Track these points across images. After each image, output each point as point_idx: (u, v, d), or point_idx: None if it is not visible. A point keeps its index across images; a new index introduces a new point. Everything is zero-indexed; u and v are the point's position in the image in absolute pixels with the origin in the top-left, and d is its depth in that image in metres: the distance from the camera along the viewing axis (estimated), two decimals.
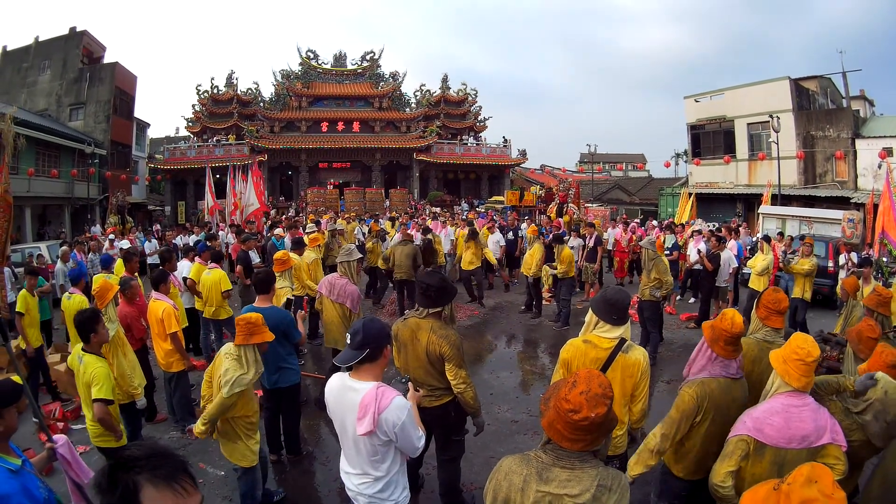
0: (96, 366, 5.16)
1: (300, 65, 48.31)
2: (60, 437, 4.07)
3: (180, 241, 19.23)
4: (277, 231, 17.80)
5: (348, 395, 3.51)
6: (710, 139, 35.66)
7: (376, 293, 15.43)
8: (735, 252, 14.11)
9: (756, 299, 4.66)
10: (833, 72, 35.31)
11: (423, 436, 3.63)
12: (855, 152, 27.78)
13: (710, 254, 12.97)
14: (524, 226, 19.01)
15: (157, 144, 52.79)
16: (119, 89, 40.47)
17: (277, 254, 9.21)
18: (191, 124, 47.95)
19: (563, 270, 12.49)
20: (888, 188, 14.84)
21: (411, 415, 3.48)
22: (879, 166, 24.04)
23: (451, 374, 4.81)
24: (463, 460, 5.48)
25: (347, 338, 3.59)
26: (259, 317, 5.23)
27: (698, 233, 15.15)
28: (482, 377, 9.61)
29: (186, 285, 10.29)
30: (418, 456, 5.42)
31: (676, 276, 14.56)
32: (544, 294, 14.10)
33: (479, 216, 24.75)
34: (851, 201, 25.32)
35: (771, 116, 28.27)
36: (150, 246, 19.73)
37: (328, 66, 49.61)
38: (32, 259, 14.06)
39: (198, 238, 18.19)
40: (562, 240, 13.20)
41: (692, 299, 15.24)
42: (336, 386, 3.64)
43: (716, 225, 22.22)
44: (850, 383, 4.11)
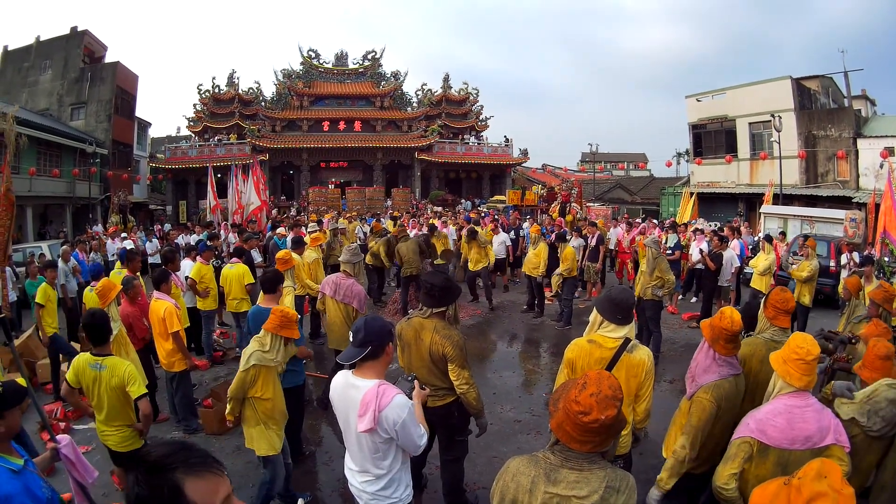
0: (125, 365, 5.11)
1: (301, 64, 48.26)
2: (64, 438, 4.07)
3: (182, 240, 19.22)
4: (279, 230, 17.80)
5: (351, 392, 3.52)
6: (711, 139, 35.58)
7: (373, 292, 15.44)
8: (738, 251, 14.10)
9: (763, 299, 4.66)
10: (834, 71, 35.27)
11: (426, 434, 3.61)
12: (856, 152, 27.71)
13: (712, 253, 12.97)
14: (526, 225, 18.98)
15: (158, 144, 52.82)
16: (120, 89, 40.52)
17: (280, 253, 9.19)
18: (192, 124, 47.93)
19: (567, 268, 12.49)
20: (890, 188, 14.83)
21: (412, 413, 3.48)
22: (881, 166, 23.99)
23: (455, 375, 4.80)
24: (466, 460, 5.47)
25: (350, 337, 3.59)
26: (294, 315, 5.33)
27: (700, 232, 15.14)
28: (485, 377, 9.61)
29: (188, 284, 10.29)
30: (421, 456, 5.44)
31: (678, 276, 14.56)
32: (547, 294, 14.09)
33: (483, 215, 24.73)
34: (853, 201, 25.26)
35: (772, 116, 28.18)
36: (151, 245, 19.76)
37: (330, 66, 49.57)
38: (34, 258, 14.02)
39: (199, 237, 18.19)
40: (565, 239, 13.21)
41: (694, 299, 15.23)
42: (340, 384, 3.64)
43: (717, 224, 22.22)
44: (828, 390, 4.16)
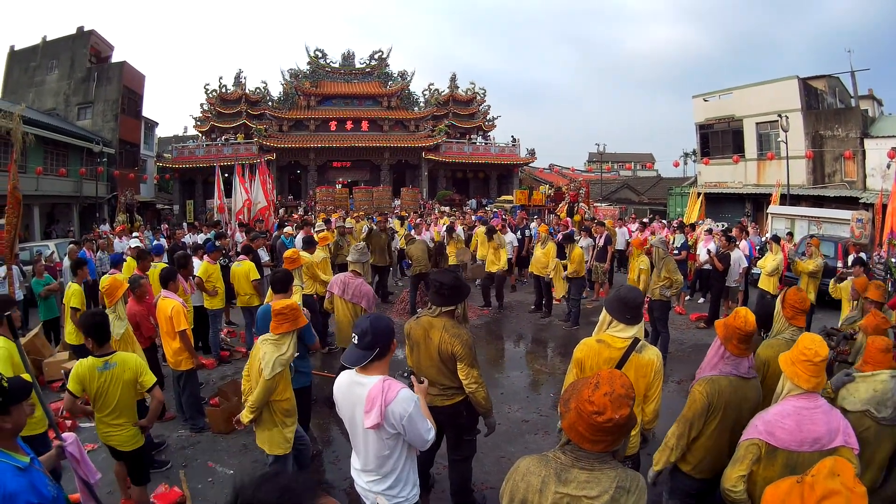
0: (134, 359, 5.13)
1: (308, 64, 48.48)
2: (70, 436, 4.08)
3: (189, 239, 19.21)
4: (287, 229, 17.80)
5: (356, 389, 3.51)
6: (718, 139, 35.61)
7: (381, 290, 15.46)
8: (747, 252, 14.07)
9: (780, 300, 4.68)
10: (841, 71, 35.19)
11: (433, 428, 3.59)
12: (863, 152, 27.65)
13: (720, 253, 12.92)
14: (533, 225, 18.95)
15: (165, 143, 52.98)
16: (127, 88, 40.62)
17: (287, 252, 9.17)
18: (199, 123, 48.22)
19: (574, 270, 12.47)
20: None
21: (418, 406, 3.46)
22: (888, 166, 23.99)
23: (463, 374, 4.79)
24: (474, 460, 5.46)
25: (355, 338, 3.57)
26: (293, 304, 5.30)
27: (708, 232, 15.10)
28: (493, 377, 9.60)
29: (195, 283, 10.28)
30: (429, 455, 5.43)
31: (685, 276, 14.53)
32: (555, 295, 14.06)
33: (493, 216, 24.70)
34: (860, 201, 25.16)
35: (779, 116, 28.12)
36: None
37: (336, 66, 49.74)
38: (41, 257, 14.02)
39: (207, 237, 18.19)
40: (572, 239, 13.19)
41: (701, 299, 15.21)
42: (344, 382, 3.64)
43: (724, 225, 22.18)
44: (829, 388, 4.14)
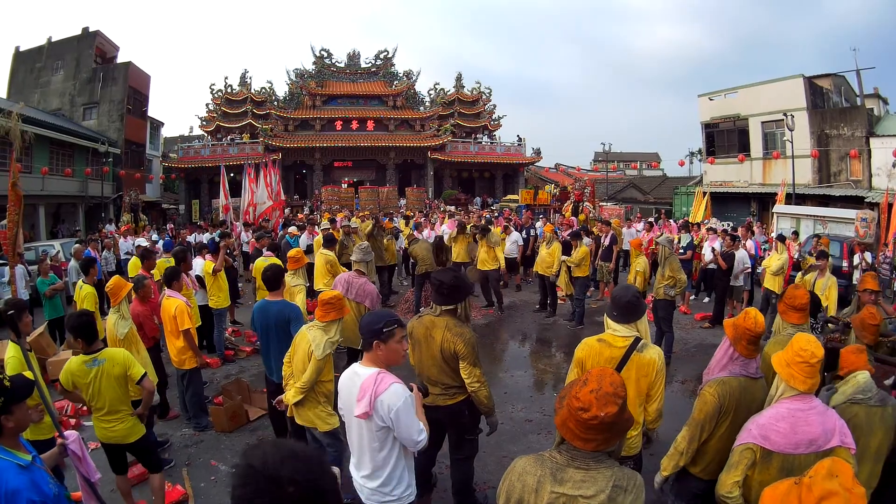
0: (121, 353, 5.24)
1: (314, 64, 48.43)
2: (72, 434, 4.09)
3: (194, 239, 19.25)
4: (291, 229, 17.85)
5: (354, 380, 3.59)
6: (724, 138, 35.54)
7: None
8: (752, 252, 14.07)
9: (780, 297, 4.73)
10: (847, 69, 35.16)
11: (424, 430, 3.60)
12: (869, 151, 27.56)
13: (724, 253, 12.91)
14: (539, 224, 18.94)
15: (171, 143, 53.16)
16: (132, 89, 40.76)
17: (291, 252, 9.20)
18: (205, 123, 48.25)
19: (579, 259, 12.53)
20: None
21: (408, 403, 3.49)
22: (894, 165, 23.94)
23: (466, 373, 4.79)
24: (476, 459, 5.46)
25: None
26: (338, 294, 5.49)
27: (713, 231, 15.09)
28: (496, 376, 9.61)
29: (215, 266, 10.34)
30: (431, 454, 5.43)
31: (690, 276, 14.52)
32: (559, 294, 14.05)
33: (497, 215, 24.70)
34: (866, 200, 25.09)
35: (785, 115, 28.05)
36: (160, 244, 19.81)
37: (342, 65, 49.71)
38: (46, 256, 14.05)
39: (211, 236, 18.24)
40: (580, 237, 13.19)
41: (706, 299, 15.18)
42: (347, 375, 3.72)
43: (730, 224, 22.16)
44: None
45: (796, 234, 17.47)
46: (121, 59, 43.67)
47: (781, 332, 4.60)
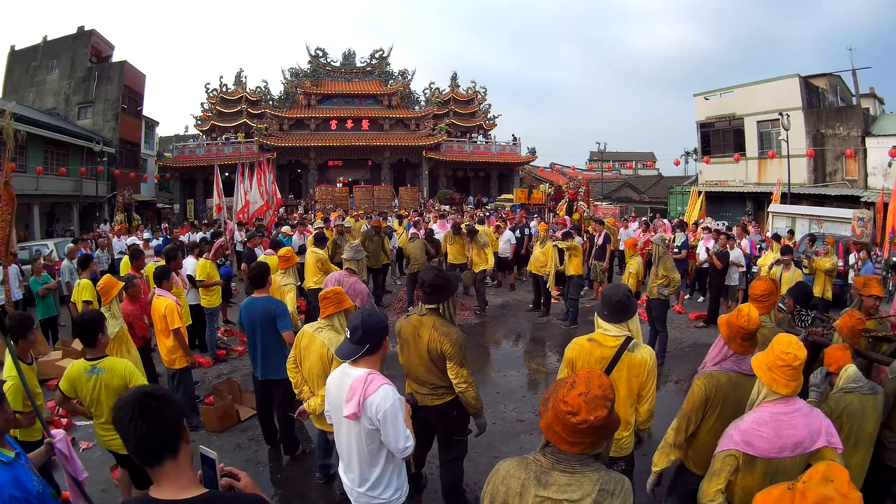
0: (124, 364, 5.09)
1: (309, 63, 48.51)
2: (59, 433, 4.07)
3: (188, 238, 19.22)
4: (285, 228, 17.85)
5: (345, 381, 3.56)
6: (719, 137, 35.64)
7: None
8: (748, 251, 14.10)
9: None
10: (843, 69, 35.13)
11: (411, 437, 3.56)
12: (865, 150, 27.63)
13: (718, 252, 12.90)
14: (533, 224, 18.93)
15: (166, 143, 53.08)
16: (128, 88, 40.79)
17: (282, 251, 9.17)
18: (200, 123, 48.29)
19: (570, 246, 12.57)
20: None
21: (397, 407, 3.45)
22: (890, 164, 23.99)
23: (453, 373, 4.75)
24: (466, 460, 5.42)
25: (348, 332, 3.62)
26: (341, 289, 5.50)
27: (706, 230, 15.10)
28: (489, 376, 9.60)
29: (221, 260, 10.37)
30: (421, 455, 5.40)
31: (685, 275, 14.51)
32: (553, 292, 14.03)
33: (489, 215, 24.69)
34: (861, 200, 25.16)
35: (781, 114, 28.11)
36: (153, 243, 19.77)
37: (337, 65, 49.81)
38: (40, 256, 13.98)
39: (203, 235, 18.22)
40: (571, 236, 13.16)
41: (701, 298, 15.18)
42: (337, 375, 3.70)
43: (725, 224, 22.19)
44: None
45: (792, 233, 17.51)
46: (116, 58, 43.69)
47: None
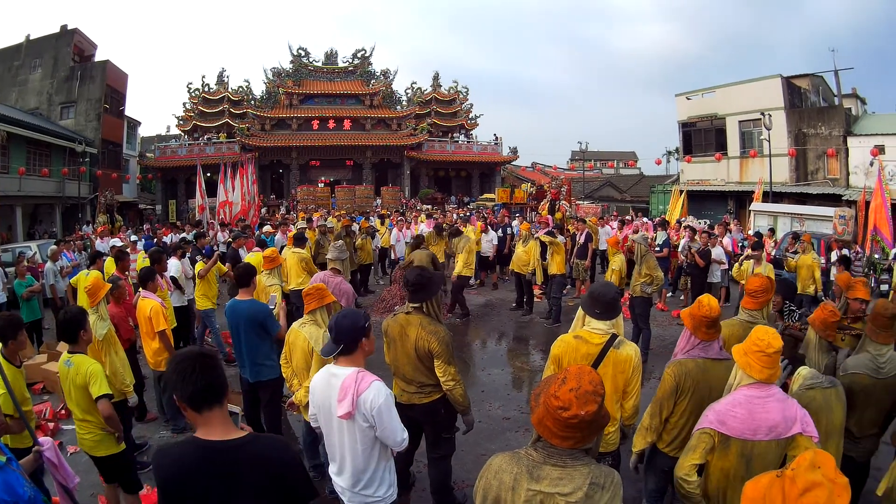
0: (89, 364, 4.97)
1: (291, 62, 48.29)
2: (46, 441, 4.06)
3: (170, 239, 19.16)
4: (266, 228, 17.82)
5: (332, 381, 3.55)
6: (701, 136, 35.75)
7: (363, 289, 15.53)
8: (729, 249, 14.18)
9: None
10: (825, 70, 35.38)
11: (405, 430, 3.61)
12: (847, 150, 27.77)
13: (700, 250, 12.98)
14: (515, 223, 18.95)
15: (148, 143, 52.83)
16: (110, 87, 40.46)
17: (266, 251, 9.17)
18: (182, 123, 47.95)
19: (551, 242, 12.60)
20: (880, 185, 14.92)
21: (390, 401, 3.49)
22: (871, 164, 24.13)
23: (440, 371, 4.80)
24: (454, 458, 5.47)
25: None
26: (323, 284, 5.62)
27: (689, 229, 15.18)
28: (474, 374, 9.65)
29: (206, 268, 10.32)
30: (409, 453, 5.42)
31: (667, 273, 14.59)
32: (536, 292, 14.08)
33: (469, 214, 24.72)
34: (843, 198, 25.34)
35: (762, 114, 28.21)
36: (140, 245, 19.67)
37: (319, 64, 49.59)
38: (24, 258, 13.88)
39: (183, 236, 18.17)
40: (554, 234, 13.20)
41: (682, 296, 15.24)
42: (322, 376, 3.68)
43: (707, 222, 22.30)
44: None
45: (773, 231, 17.63)
46: (98, 57, 43.22)
47: (739, 315, 5.02)
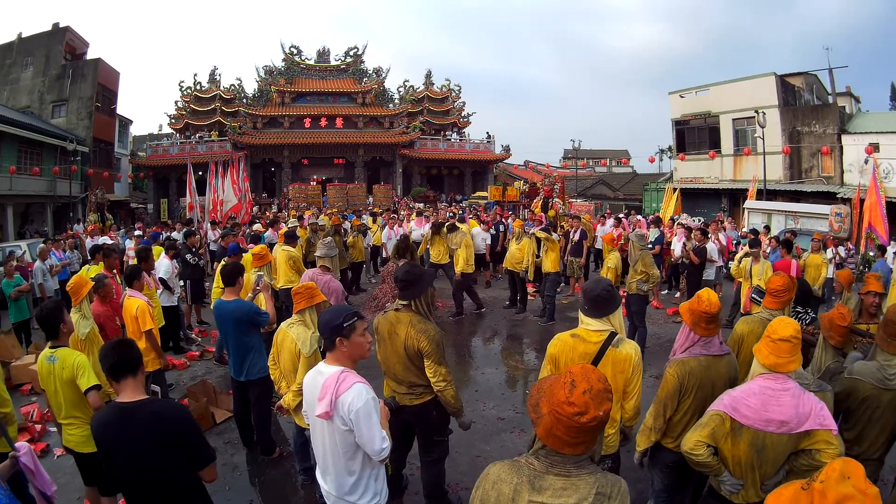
0: (75, 356, 4.88)
1: (283, 60, 48.28)
2: (23, 446, 3.98)
3: (162, 237, 19.05)
4: (256, 226, 17.77)
5: (318, 379, 3.47)
6: (694, 134, 35.81)
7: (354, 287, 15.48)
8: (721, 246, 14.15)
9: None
10: (819, 68, 35.46)
11: (388, 440, 3.45)
12: (841, 148, 27.86)
13: (695, 247, 12.92)
14: (509, 221, 18.88)
15: (139, 142, 52.86)
16: (102, 86, 40.33)
17: (255, 248, 9.06)
18: (174, 121, 47.88)
19: (545, 238, 12.54)
20: (874, 183, 14.90)
21: (370, 406, 3.33)
22: (866, 161, 24.17)
23: (431, 371, 4.66)
24: (448, 459, 5.35)
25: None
26: (313, 284, 5.58)
27: (683, 227, 15.14)
28: (467, 374, 9.55)
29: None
30: (402, 456, 5.31)
31: (661, 270, 14.55)
32: (529, 290, 14.00)
33: (461, 212, 24.66)
34: (837, 196, 25.40)
35: (756, 112, 28.31)
36: (130, 243, 19.54)
37: (311, 62, 49.58)
38: (13, 257, 13.76)
39: (168, 235, 18.08)
40: (549, 231, 13.10)
41: (677, 294, 15.20)
42: (311, 374, 3.61)
43: (701, 220, 22.30)
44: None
45: (768, 228, 17.62)
46: (90, 55, 43.02)
47: (761, 313, 4.99)
